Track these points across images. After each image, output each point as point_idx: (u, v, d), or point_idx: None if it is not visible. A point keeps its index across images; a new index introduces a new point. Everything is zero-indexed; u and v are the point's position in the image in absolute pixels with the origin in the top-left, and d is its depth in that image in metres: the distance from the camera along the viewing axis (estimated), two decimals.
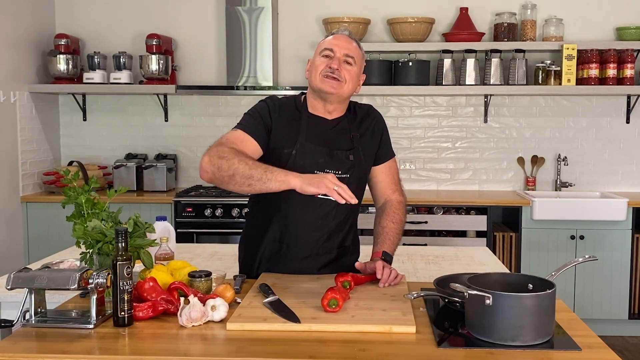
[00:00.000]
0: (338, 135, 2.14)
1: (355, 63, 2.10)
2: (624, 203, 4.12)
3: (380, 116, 2.27)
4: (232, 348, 1.51)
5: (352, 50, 2.10)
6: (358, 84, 2.14)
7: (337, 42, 2.10)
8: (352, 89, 2.11)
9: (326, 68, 2.06)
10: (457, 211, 4.27)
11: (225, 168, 1.87)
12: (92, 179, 1.92)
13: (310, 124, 2.12)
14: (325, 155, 2.09)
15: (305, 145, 2.08)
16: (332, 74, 2.05)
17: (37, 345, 1.55)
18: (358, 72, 2.12)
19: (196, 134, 4.86)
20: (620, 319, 4.24)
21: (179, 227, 4.21)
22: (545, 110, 4.72)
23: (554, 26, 4.49)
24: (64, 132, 4.92)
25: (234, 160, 1.87)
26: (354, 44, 2.12)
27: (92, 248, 1.80)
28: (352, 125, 2.17)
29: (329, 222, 2.13)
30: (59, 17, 4.84)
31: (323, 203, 2.09)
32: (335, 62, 2.06)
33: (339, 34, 2.13)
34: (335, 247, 2.17)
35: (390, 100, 4.78)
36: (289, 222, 2.12)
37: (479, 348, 1.51)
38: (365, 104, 2.30)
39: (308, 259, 2.13)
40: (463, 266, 2.51)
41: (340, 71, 2.06)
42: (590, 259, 1.80)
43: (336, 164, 2.09)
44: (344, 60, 2.07)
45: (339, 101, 2.13)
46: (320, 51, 2.11)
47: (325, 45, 2.10)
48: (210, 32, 4.79)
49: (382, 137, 2.24)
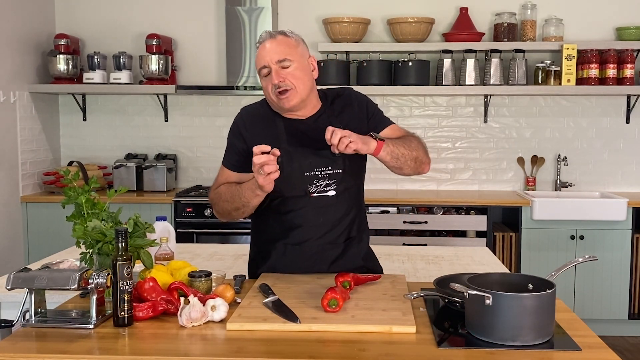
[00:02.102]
0: (319, 132, 2.00)
1: (293, 59, 2.00)
2: (624, 203, 4.12)
3: (355, 93, 2.18)
4: (232, 348, 1.51)
5: (282, 51, 1.99)
6: (311, 71, 2.05)
7: (264, 53, 2.00)
8: (306, 86, 2.02)
9: (272, 87, 2.00)
10: (457, 211, 4.27)
11: (221, 212, 2.11)
12: (92, 179, 1.92)
13: (287, 128, 2.08)
14: (311, 156, 2.04)
15: (289, 150, 2.02)
16: (279, 90, 1.99)
17: (37, 345, 1.55)
18: (302, 64, 2.02)
19: (196, 134, 4.86)
20: (620, 319, 4.24)
21: (179, 227, 4.21)
22: (545, 110, 4.72)
23: (554, 26, 4.49)
24: (64, 132, 4.93)
25: (220, 204, 2.09)
26: (281, 41, 2.01)
27: (92, 248, 1.80)
28: (332, 117, 2.10)
29: (331, 217, 2.10)
30: (59, 17, 4.84)
31: (322, 199, 2.08)
32: (275, 77, 1.98)
33: (263, 43, 2.03)
34: (341, 242, 2.14)
35: (390, 100, 4.78)
36: (291, 222, 2.10)
37: (479, 348, 1.50)
38: (338, 87, 2.21)
39: (315, 256, 2.11)
40: (463, 266, 2.51)
41: (284, 80, 1.98)
42: (590, 259, 1.80)
43: (324, 162, 2.05)
44: (280, 67, 1.99)
45: (303, 106, 2.07)
46: (259, 71, 2.04)
47: (259, 65, 2.02)
48: (210, 32, 4.79)
49: (368, 111, 2.16)
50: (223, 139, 2.23)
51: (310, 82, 2.05)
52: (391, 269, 2.43)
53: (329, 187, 2.07)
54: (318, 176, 2.05)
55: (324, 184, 2.07)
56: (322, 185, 2.07)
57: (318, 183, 2.06)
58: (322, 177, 2.06)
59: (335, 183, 2.08)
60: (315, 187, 2.06)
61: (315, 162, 2.05)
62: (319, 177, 2.05)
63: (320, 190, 2.07)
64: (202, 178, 4.87)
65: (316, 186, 2.06)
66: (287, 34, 2.05)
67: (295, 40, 2.06)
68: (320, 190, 2.07)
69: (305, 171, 2.04)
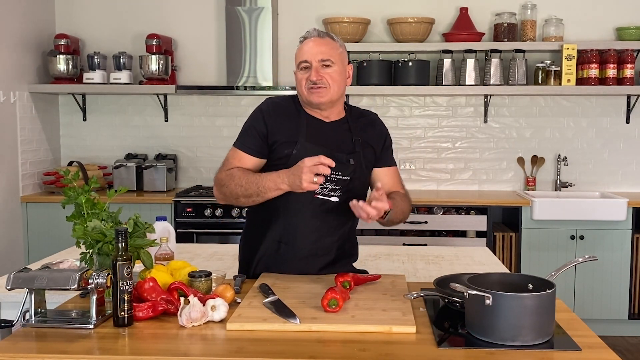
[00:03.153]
0: (338, 137, 2.14)
1: (335, 62, 2.07)
2: (624, 203, 4.12)
3: (380, 120, 2.28)
4: (232, 348, 1.51)
5: (326, 52, 2.06)
6: (347, 77, 2.13)
7: (308, 49, 2.07)
8: (340, 89, 2.10)
9: (308, 82, 2.06)
10: (457, 211, 4.27)
11: (227, 194, 2.05)
12: (92, 179, 1.92)
13: (309, 125, 2.12)
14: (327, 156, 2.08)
15: (306, 146, 2.07)
16: (315, 85, 2.05)
17: (37, 345, 1.55)
18: (340, 68, 2.09)
19: (196, 134, 4.86)
20: (620, 319, 4.24)
21: (179, 227, 4.21)
22: (545, 110, 4.72)
23: (554, 26, 4.49)
24: (64, 132, 4.93)
25: (231, 186, 2.03)
26: (327, 43, 2.09)
27: (92, 248, 1.80)
28: (354, 129, 2.17)
29: (329, 223, 2.13)
30: (59, 17, 4.84)
31: (323, 203, 2.09)
32: (314, 74, 2.05)
33: (309, 39, 2.10)
34: (334, 249, 2.16)
35: (390, 101, 4.78)
36: (289, 221, 2.11)
37: (479, 348, 1.51)
38: (371, 112, 2.30)
39: (306, 259, 2.12)
40: (463, 266, 2.51)
41: (322, 78, 2.05)
42: (590, 259, 1.80)
43: (337, 166, 2.07)
44: (322, 65, 2.05)
45: (331, 106, 2.12)
46: (298, 64, 2.09)
47: (300, 58, 2.08)
48: (210, 32, 4.79)
49: (385, 144, 2.24)
50: (223, 139, 2.24)
51: (343, 87, 2.13)
52: (391, 269, 2.44)
53: (334, 193, 2.10)
54: (327, 178, 2.06)
55: (330, 188, 2.09)
56: (328, 188, 2.09)
57: (325, 185, 2.08)
58: (330, 180, 2.07)
59: (340, 190, 2.10)
60: (321, 189, 2.08)
61: None
62: (327, 179, 2.06)
63: (325, 193, 2.09)
64: (202, 178, 4.87)
65: (322, 188, 2.08)
66: (334, 38, 2.12)
67: (340, 45, 2.13)
68: (325, 194, 2.09)
69: None
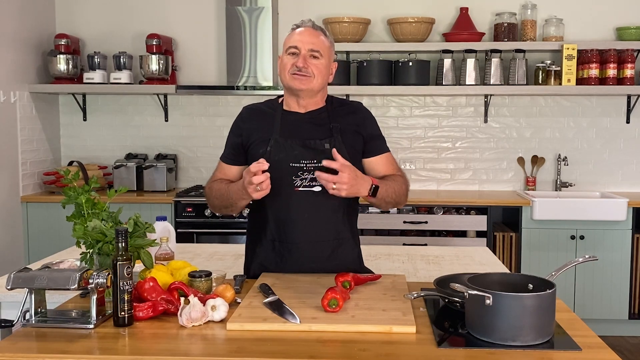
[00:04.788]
0: (313, 126, 2.13)
1: (322, 55, 2.09)
2: (624, 203, 4.12)
3: (363, 107, 2.25)
4: (232, 348, 1.51)
5: (317, 43, 2.09)
6: (329, 74, 2.16)
7: (300, 37, 2.09)
8: (322, 81, 2.12)
9: (293, 67, 2.08)
10: (457, 211, 4.27)
11: (213, 205, 2.19)
12: (92, 179, 1.92)
13: (283, 120, 2.14)
14: (299, 147, 2.08)
15: (279, 141, 2.09)
16: (299, 72, 2.07)
17: (37, 345, 1.55)
18: (326, 63, 2.12)
19: (196, 134, 4.86)
20: (620, 319, 4.24)
21: (179, 227, 4.21)
22: (545, 110, 4.72)
23: (554, 26, 4.49)
24: (64, 132, 4.93)
25: (212, 199, 2.17)
26: (319, 36, 2.11)
27: (92, 248, 1.80)
28: (332, 116, 2.16)
29: (319, 213, 2.09)
30: (59, 17, 4.84)
31: (307, 194, 2.07)
32: (301, 61, 2.07)
33: (303, 28, 2.12)
34: (330, 239, 2.12)
35: (390, 100, 4.78)
36: (280, 219, 2.11)
37: (479, 348, 1.51)
38: (355, 101, 2.30)
39: (303, 253, 2.10)
40: (463, 266, 2.51)
41: (307, 67, 2.07)
42: (590, 259, 1.80)
43: (311, 154, 2.07)
44: (310, 55, 2.08)
45: (310, 96, 2.14)
46: (286, 49, 2.11)
47: (290, 43, 2.11)
48: (210, 32, 4.79)
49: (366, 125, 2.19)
50: (223, 139, 2.24)
51: (325, 81, 2.15)
52: (391, 269, 2.43)
53: (315, 182, 2.05)
54: (303, 168, 2.07)
55: (309, 178, 2.07)
56: (307, 179, 2.07)
57: (304, 176, 2.07)
58: (307, 169, 2.07)
59: None
60: (300, 181, 2.07)
61: (302, 154, 2.07)
62: (304, 169, 2.07)
63: (306, 184, 2.08)
64: (202, 178, 4.87)
65: (302, 179, 2.07)
66: (326, 34, 2.16)
67: (330, 42, 2.17)
68: (305, 185, 2.08)
69: (291, 162, 2.07)
